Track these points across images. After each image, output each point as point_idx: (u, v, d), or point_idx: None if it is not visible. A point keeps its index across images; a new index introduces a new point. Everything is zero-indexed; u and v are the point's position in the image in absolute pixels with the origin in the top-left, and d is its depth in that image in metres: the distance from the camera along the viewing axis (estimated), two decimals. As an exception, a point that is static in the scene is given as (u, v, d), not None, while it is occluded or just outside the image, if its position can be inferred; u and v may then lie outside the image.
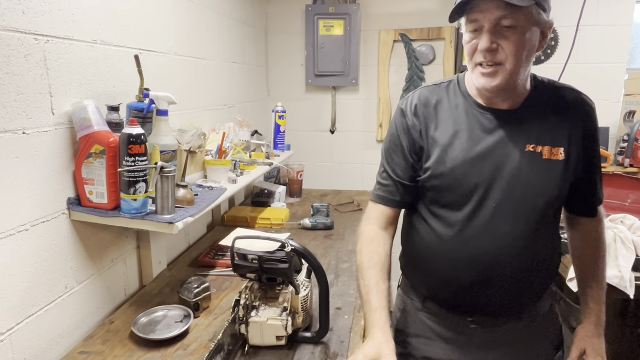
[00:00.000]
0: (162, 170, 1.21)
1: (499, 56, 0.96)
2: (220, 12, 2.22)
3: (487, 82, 0.99)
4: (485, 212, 1.04)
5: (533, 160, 1.02)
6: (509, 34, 0.94)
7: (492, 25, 0.94)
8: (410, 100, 1.13)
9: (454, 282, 1.09)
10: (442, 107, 1.10)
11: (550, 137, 1.04)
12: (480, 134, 1.05)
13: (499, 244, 1.04)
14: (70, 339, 1.24)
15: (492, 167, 1.03)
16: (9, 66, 1.00)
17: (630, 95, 2.78)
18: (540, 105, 1.05)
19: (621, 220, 1.81)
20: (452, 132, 1.06)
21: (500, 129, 1.04)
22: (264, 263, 1.13)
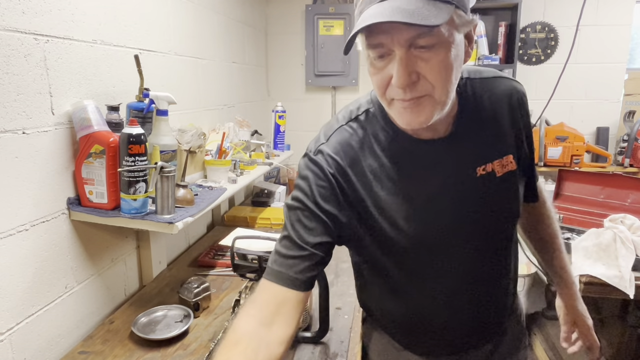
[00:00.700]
0: (162, 170, 1.21)
1: (422, 87, 0.72)
2: (220, 12, 2.22)
3: (412, 119, 0.75)
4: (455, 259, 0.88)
5: (489, 184, 0.86)
6: (428, 55, 0.69)
7: (404, 49, 0.69)
8: (326, 148, 0.84)
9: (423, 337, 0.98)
10: (371, 152, 0.84)
11: (497, 149, 0.87)
12: (423, 176, 0.84)
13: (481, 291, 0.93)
14: (70, 339, 1.24)
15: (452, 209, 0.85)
16: (9, 66, 1.00)
17: (630, 95, 2.78)
18: (474, 117, 0.86)
19: (621, 220, 1.81)
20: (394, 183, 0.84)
21: (444, 163, 0.84)
22: (264, 263, 1.13)
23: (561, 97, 2.81)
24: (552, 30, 2.85)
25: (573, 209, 2.16)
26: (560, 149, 2.65)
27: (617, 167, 2.71)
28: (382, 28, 0.68)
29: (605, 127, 2.88)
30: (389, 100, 0.76)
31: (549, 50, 2.87)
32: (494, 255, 0.93)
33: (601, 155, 2.73)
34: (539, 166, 2.70)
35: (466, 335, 0.97)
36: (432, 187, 0.84)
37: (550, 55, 2.88)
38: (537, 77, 2.91)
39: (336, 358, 1.15)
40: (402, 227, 0.84)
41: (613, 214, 1.89)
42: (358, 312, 1.38)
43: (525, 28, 2.86)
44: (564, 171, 2.34)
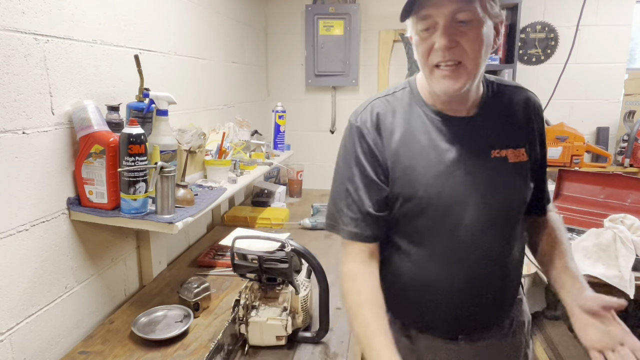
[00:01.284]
0: (162, 170, 1.21)
1: (458, 53, 0.87)
2: (220, 12, 2.22)
3: (449, 86, 0.89)
4: (463, 231, 0.96)
5: (501, 166, 0.96)
6: (465, 29, 0.86)
7: (447, 20, 0.85)
8: (365, 115, 0.99)
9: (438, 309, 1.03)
10: (400, 120, 0.98)
11: (512, 140, 0.99)
12: (445, 146, 0.96)
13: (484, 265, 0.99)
14: (70, 339, 1.24)
15: (463, 180, 0.95)
16: (9, 66, 1.00)
17: (630, 95, 2.78)
18: (495, 107, 1.00)
19: (621, 220, 1.81)
20: (416, 147, 0.96)
21: (463, 138, 0.96)
22: (264, 263, 1.13)
23: (561, 97, 2.81)
24: (552, 30, 2.84)
25: (573, 209, 2.16)
26: (560, 149, 2.65)
27: (617, 167, 2.71)
28: (431, 2, 0.85)
29: (605, 127, 2.88)
30: (430, 67, 0.91)
31: (549, 50, 2.87)
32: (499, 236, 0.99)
33: (601, 155, 2.73)
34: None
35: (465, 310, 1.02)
36: (450, 158, 0.95)
37: (550, 55, 2.88)
38: (537, 77, 2.91)
39: (336, 358, 1.15)
40: (418, 188, 0.95)
41: (613, 214, 1.89)
42: (358, 312, 1.38)
43: (525, 28, 2.86)
44: (564, 171, 2.33)
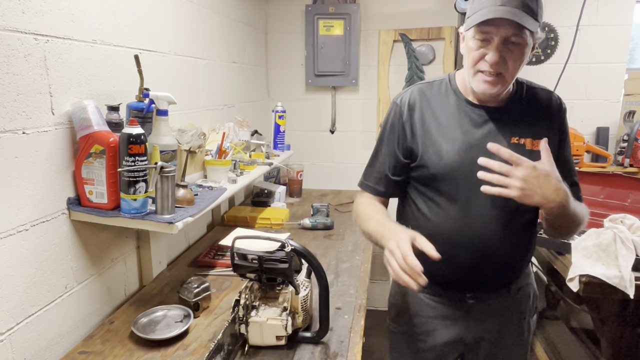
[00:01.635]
0: (162, 170, 1.21)
1: (501, 68, 1.07)
2: (220, 12, 2.22)
3: (488, 89, 1.10)
4: (478, 199, 1.14)
5: (518, 151, 1.06)
6: (514, 48, 1.05)
7: (501, 40, 1.04)
8: (405, 96, 1.24)
9: (453, 262, 1.18)
10: (435, 103, 1.21)
11: (531, 131, 1.16)
12: (470, 128, 1.17)
13: (492, 228, 1.17)
14: (70, 339, 1.24)
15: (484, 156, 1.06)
16: (9, 66, 1.00)
17: (630, 95, 2.78)
18: (521, 103, 1.19)
19: (621, 220, 1.81)
20: (445, 126, 1.18)
21: (488, 124, 1.16)
22: (264, 263, 1.13)
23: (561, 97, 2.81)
24: (552, 30, 2.84)
25: (573, 209, 2.15)
26: (560, 149, 2.64)
27: (617, 167, 2.71)
28: (494, 21, 1.01)
29: (605, 127, 2.88)
30: (475, 71, 1.10)
31: (549, 50, 2.87)
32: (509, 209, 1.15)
33: (601, 155, 2.73)
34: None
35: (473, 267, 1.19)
36: (473, 137, 1.15)
37: (550, 55, 2.87)
38: (537, 77, 2.90)
39: (336, 358, 1.15)
40: (443, 158, 1.16)
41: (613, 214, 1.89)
42: (358, 312, 1.38)
43: (525, 28, 2.86)
44: (564, 171, 2.33)
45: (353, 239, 2.00)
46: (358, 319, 1.34)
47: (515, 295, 1.30)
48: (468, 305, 1.27)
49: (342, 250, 1.88)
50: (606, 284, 1.65)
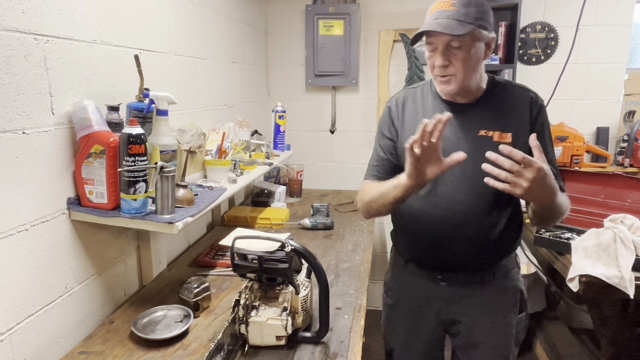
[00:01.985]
0: (162, 170, 1.21)
1: (450, 70, 1.23)
2: (220, 12, 2.22)
3: (445, 88, 1.27)
4: (447, 184, 1.29)
5: (484, 142, 1.25)
6: (456, 52, 1.20)
7: (443, 47, 1.21)
8: (395, 99, 1.44)
9: (423, 241, 1.36)
10: (417, 103, 1.39)
11: (501, 125, 1.28)
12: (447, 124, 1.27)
13: (459, 211, 1.29)
14: (70, 339, 1.24)
15: (451, 148, 1.21)
16: (9, 66, 1.00)
17: (630, 95, 2.78)
18: (494, 100, 1.31)
19: (621, 220, 1.81)
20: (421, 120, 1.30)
21: (459, 118, 1.29)
22: (264, 263, 1.13)
23: (561, 97, 2.81)
24: (552, 30, 2.84)
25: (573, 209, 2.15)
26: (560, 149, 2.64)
27: (617, 167, 2.71)
28: (433, 34, 1.20)
29: (605, 127, 2.88)
30: (434, 75, 1.28)
31: (549, 50, 2.87)
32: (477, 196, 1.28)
33: (601, 155, 2.72)
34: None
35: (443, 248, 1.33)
36: (448, 130, 1.25)
37: (550, 55, 2.87)
38: (537, 77, 2.91)
39: (336, 358, 1.15)
40: None
41: (613, 214, 1.89)
42: (358, 312, 1.38)
43: (525, 28, 2.86)
44: (564, 171, 2.33)
45: (353, 239, 2.00)
46: (358, 319, 1.34)
47: (490, 287, 1.38)
48: (441, 288, 1.40)
49: (342, 250, 1.88)
50: (606, 284, 1.65)
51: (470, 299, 1.39)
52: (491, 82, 1.33)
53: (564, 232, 2.02)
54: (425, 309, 1.44)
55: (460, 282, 1.38)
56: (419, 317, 1.47)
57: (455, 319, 1.42)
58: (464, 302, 1.40)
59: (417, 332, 1.48)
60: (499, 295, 1.40)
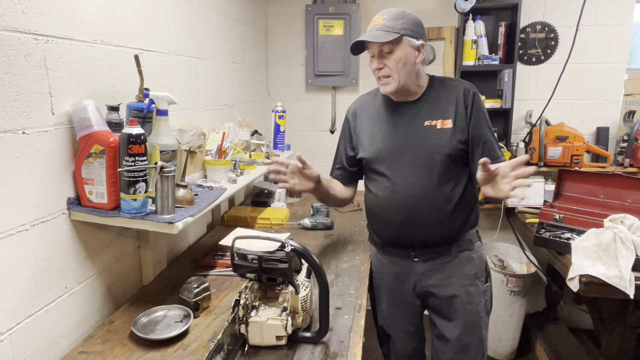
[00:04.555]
0: (162, 170, 1.21)
1: (386, 71, 1.47)
2: (220, 12, 2.22)
3: (385, 89, 1.51)
4: (402, 171, 1.52)
5: (430, 130, 1.51)
6: (388, 56, 1.45)
7: (377, 52, 1.46)
8: (351, 108, 1.70)
9: (391, 224, 1.57)
10: (370, 107, 1.64)
11: (442, 114, 1.51)
12: (393, 120, 1.56)
13: (414, 192, 1.50)
14: (70, 339, 1.24)
15: (403, 139, 1.52)
16: (9, 66, 1.00)
17: (630, 95, 2.78)
18: (434, 95, 1.54)
19: (621, 220, 1.81)
20: (376, 121, 1.60)
21: (407, 113, 1.54)
22: (264, 263, 1.13)
23: (561, 97, 2.81)
24: (552, 30, 2.84)
25: (573, 209, 2.16)
26: (560, 149, 2.64)
27: (617, 167, 2.71)
28: (370, 42, 1.46)
29: (605, 127, 2.88)
30: (376, 77, 1.52)
31: (549, 50, 2.87)
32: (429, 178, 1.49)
33: (601, 155, 2.73)
34: (538, 166, 2.70)
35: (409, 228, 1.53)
36: (394, 126, 1.56)
37: (550, 55, 2.87)
38: (537, 77, 2.91)
39: (336, 358, 1.15)
40: (375, 145, 1.58)
41: (613, 214, 1.89)
42: (358, 312, 1.38)
43: (525, 28, 2.86)
44: (564, 171, 2.33)
45: (353, 239, 2.00)
46: (358, 319, 1.34)
47: (457, 258, 1.57)
48: (415, 264, 1.59)
49: (342, 250, 1.88)
50: (606, 284, 1.65)
51: (440, 272, 1.57)
52: (431, 81, 1.56)
53: (564, 232, 2.02)
54: (403, 284, 1.64)
55: (431, 256, 1.57)
56: (398, 293, 1.66)
57: (429, 292, 1.60)
58: (436, 276, 1.58)
59: (397, 306, 1.68)
60: (466, 266, 1.57)
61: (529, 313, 2.88)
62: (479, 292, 1.58)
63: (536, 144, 2.67)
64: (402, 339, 1.72)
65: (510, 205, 2.66)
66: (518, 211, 2.66)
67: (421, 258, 1.58)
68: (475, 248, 1.60)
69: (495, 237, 2.99)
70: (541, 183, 2.61)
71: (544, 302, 3.02)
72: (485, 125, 1.51)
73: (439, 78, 1.59)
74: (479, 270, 1.59)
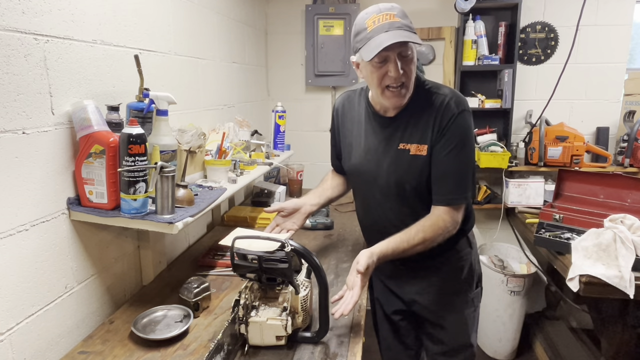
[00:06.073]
0: (162, 170, 1.21)
1: (403, 78, 1.24)
2: (220, 12, 2.22)
3: (397, 101, 1.29)
4: (375, 195, 1.44)
5: (403, 156, 1.34)
6: (407, 60, 1.23)
7: (396, 56, 1.22)
8: (339, 102, 1.54)
9: (371, 238, 1.51)
10: (354, 110, 1.48)
11: (418, 137, 1.32)
12: (371, 135, 1.41)
13: (388, 216, 1.44)
14: (70, 339, 1.24)
15: (377, 161, 1.39)
16: (9, 66, 1.00)
17: (630, 95, 2.78)
18: (415, 110, 1.33)
19: (621, 220, 1.81)
20: (357, 131, 1.46)
21: (384, 132, 1.38)
22: (264, 263, 1.13)
23: (561, 97, 2.81)
24: (552, 30, 2.84)
25: (573, 209, 2.16)
26: (560, 149, 2.65)
27: (617, 167, 2.71)
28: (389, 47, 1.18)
29: (605, 127, 2.88)
30: (382, 88, 1.27)
31: (549, 50, 2.87)
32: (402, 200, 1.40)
33: (601, 155, 2.73)
34: (538, 166, 2.70)
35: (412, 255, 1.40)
36: (371, 143, 1.41)
37: (550, 55, 2.87)
38: (537, 77, 2.91)
39: (336, 358, 1.15)
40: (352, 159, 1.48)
41: (613, 214, 1.89)
42: (358, 312, 1.38)
43: (525, 28, 2.86)
44: (564, 171, 2.33)
45: (353, 238, 2.00)
46: (358, 319, 1.34)
47: (442, 268, 1.50)
48: (400, 270, 1.55)
49: (342, 250, 1.88)
50: (606, 284, 1.65)
51: (425, 280, 1.53)
52: (416, 90, 1.33)
53: (564, 232, 2.02)
54: (389, 289, 1.63)
55: (416, 267, 1.51)
56: (386, 298, 1.66)
57: (413, 299, 1.56)
58: (420, 283, 1.54)
59: (387, 310, 1.67)
60: (452, 275, 1.51)
61: (529, 313, 2.88)
62: (467, 300, 1.53)
63: (536, 144, 2.67)
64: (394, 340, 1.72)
65: (510, 205, 2.66)
66: (518, 211, 2.66)
67: (406, 267, 1.52)
68: (463, 256, 1.52)
69: (495, 237, 2.99)
70: (541, 183, 2.61)
71: (544, 302, 3.02)
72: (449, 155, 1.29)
73: (426, 87, 1.34)
74: (466, 278, 1.53)
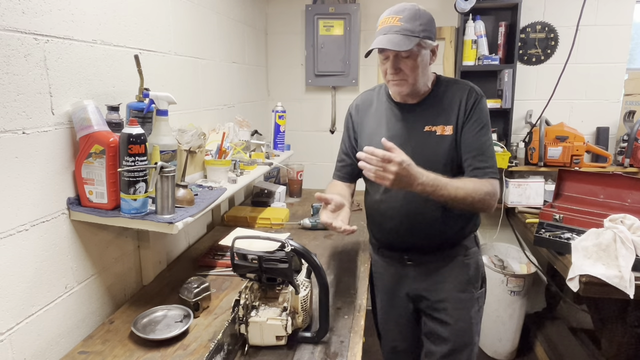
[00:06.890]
0: (162, 170, 1.21)
1: (401, 75, 1.39)
2: (220, 12, 2.22)
3: (398, 90, 1.44)
4: None
5: (430, 137, 1.44)
6: (406, 60, 1.37)
7: (393, 57, 1.37)
8: (354, 103, 1.65)
9: (386, 228, 1.55)
10: (372, 106, 1.58)
11: (443, 119, 1.44)
12: (394, 122, 1.50)
13: (409, 200, 1.45)
14: (70, 339, 1.24)
15: (402, 143, 1.36)
16: (9, 66, 1.00)
17: (630, 95, 2.78)
18: (437, 98, 1.47)
19: (621, 220, 1.81)
20: (377, 123, 1.54)
21: (407, 117, 1.48)
22: (264, 263, 1.13)
23: (561, 97, 2.81)
24: (552, 30, 2.84)
25: (573, 209, 2.16)
26: (560, 149, 2.65)
27: (617, 167, 2.71)
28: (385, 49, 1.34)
29: (605, 127, 2.88)
30: (387, 80, 1.45)
31: (549, 50, 2.87)
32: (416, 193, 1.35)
33: (601, 155, 2.73)
34: (538, 166, 2.70)
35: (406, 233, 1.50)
36: (395, 129, 1.49)
37: (550, 55, 2.87)
38: (537, 77, 2.91)
39: (336, 358, 1.15)
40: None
41: (613, 214, 1.89)
42: (358, 312, 1.38)
43: (525, 28, 2.86)
44: (564, 171, 2.34)
45: (353, 238, 2.00)
46: (358, 319, 1.34)
47: (450, 263, 1.54)
48: (408, 266, 1.58)
49: (342, 250, 1.88)
50: (606, 284, 1.65)
51: (432, 277, 1.55)
52: (437, 81, 1.49)
53: (564, 232, 2.02)
54: (397, 286, 1.63)
55: (425, 261, 1.55)
56: (392, 295, 1.65)
57: (421, 295, 1.58)
58: (428, 280, 1.56)
59: (392, 308, 1.67)
60: (460, 272, 1.54)
61: (529, 313, 2.88)
62: (472, 298, 1.55)
63: (536, 144, 2.67)
64: (396, 339, 1.72)
65: (510, 205, 2.66)
66: (518, 211, 2.66)
67: (414, 262, 1.56)
68: (470, 254, 1.56)
69: (495, 237, 2.99)
70: (541, 183, 2.61)
71: (544, 302, 3.02)
72: (480, 133, 1.42)
73: (446, 79, 1.51)
74: (473, 276, 1.55)
